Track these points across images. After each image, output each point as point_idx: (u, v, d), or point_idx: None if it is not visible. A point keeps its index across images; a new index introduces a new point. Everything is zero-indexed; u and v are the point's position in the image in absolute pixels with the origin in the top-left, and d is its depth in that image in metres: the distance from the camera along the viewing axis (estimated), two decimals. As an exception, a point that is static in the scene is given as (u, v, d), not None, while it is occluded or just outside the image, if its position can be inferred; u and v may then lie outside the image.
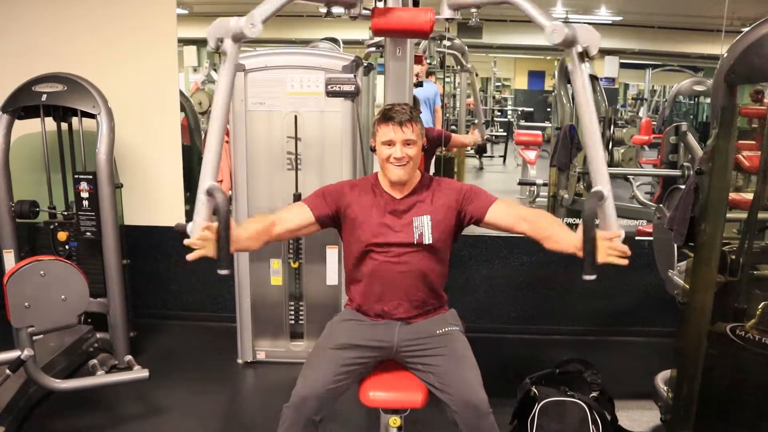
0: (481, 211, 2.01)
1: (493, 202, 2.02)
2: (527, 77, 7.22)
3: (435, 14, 2.15)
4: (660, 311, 3.56)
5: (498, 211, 2.00)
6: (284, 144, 3.07)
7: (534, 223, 1.96)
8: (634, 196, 4.70)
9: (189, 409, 2.88)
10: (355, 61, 2.95)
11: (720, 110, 2.03)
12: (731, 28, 3.62)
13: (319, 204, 2.03)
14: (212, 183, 1.70)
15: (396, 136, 1.96)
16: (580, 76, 1.63)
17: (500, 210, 2.01)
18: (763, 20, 1.89)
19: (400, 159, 1.96)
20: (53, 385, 2.60)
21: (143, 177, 3.62)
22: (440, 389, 1.92)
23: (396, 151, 1.96)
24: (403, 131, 1.95)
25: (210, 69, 5.27)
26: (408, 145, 1.97)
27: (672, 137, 4.46)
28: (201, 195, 1.71)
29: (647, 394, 2.77)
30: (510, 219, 1.99)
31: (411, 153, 1.98)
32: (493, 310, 3.75)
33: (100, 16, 3.50)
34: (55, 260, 2.50)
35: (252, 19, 1.66)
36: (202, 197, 1.71)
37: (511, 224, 1.99)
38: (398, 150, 1.96)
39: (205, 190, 1.70)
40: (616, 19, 5.44)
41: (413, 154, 1.99)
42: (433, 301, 2.10)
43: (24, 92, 2.99)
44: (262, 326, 3.29)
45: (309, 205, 2.04)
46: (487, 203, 2.02)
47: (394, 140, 1.96)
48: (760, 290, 2.25)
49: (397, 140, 1.96)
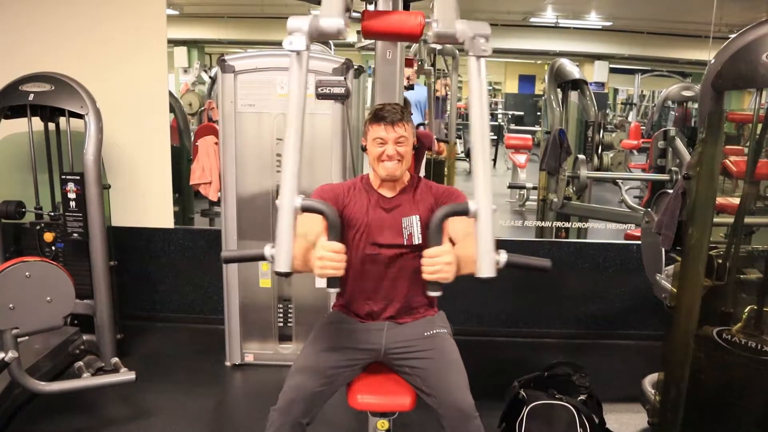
0: None
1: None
2: (518, 81, 7.27)
3: (425, 18, 2.15)
4: (648, 315, 3.58)
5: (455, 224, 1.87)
6: (274, 146, 3.06)
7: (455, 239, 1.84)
8: (622, 200, 4.73)
9: (176, 411, 2.86)
10: (345, 63, 2.95)
11: (707, 116, 2.04)
12: (719, 35, 3.66)
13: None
14: (302, 198, 1.50)
15: (388, 135, 1.95)
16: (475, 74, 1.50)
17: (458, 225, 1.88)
18: (750, 27, 1.90)
19: (392, 157, 1.97)
20: (38, 387, 2.57)
21: (132, 178, 3.59)
22: (427, 393, 1.92)
23: (388, 149, 1.96)
24: (395, 130, 1.96)
25: (200, 70, 5.26)
26: (399, 144, 1.97)
27: (660, 142, 4.49)
28: (290, 213, 1.48)
29: (635, 397, 2.79)
30: (458, 236, 1.88)
31: (403, 151, 1.98)
32: (482, 312, 3.76)
33: (89, 16, 3.48)
34: (41, 261, 2.47)
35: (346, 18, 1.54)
36: (290, 215, 1.48)
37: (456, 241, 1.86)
38: (390, 148, 1.96)
39: (298, 207, 1.49)
40: (606, 25, 5.49)
41: (405, 152, 1.99)
42: (421, 302, 2.10)
43: (11, 91, 2.97)
44: (250, 328, 3.28)
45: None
46: None
47: (386, 139, 1.96)
48: (746, 294, 2.27)
49: (389, 139, 1.96)
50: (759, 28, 1.87)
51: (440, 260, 1.55)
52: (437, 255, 1.55)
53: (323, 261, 1.59)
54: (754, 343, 2.11)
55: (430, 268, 1.56)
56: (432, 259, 1.56)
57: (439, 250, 1.56)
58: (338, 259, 1.59)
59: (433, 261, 1.56)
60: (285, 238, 1.48)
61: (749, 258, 2.39)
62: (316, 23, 1.53)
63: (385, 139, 1.96)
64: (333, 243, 1.59)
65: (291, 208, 1.49)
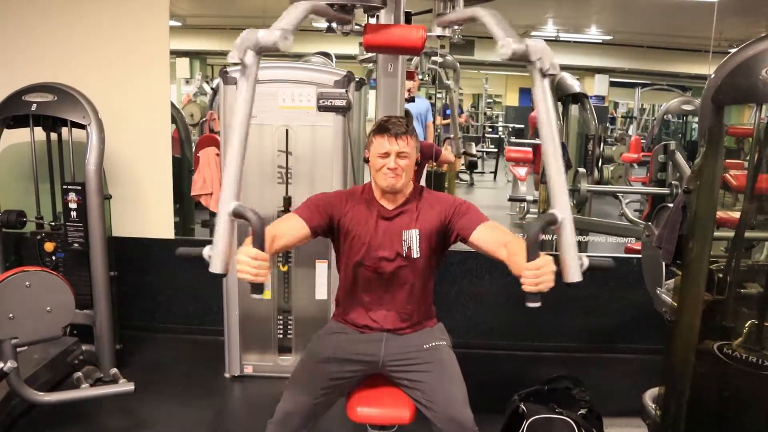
0: (468, 231, 1.96)
1: (481, 222, 1.96)
2: (518, 94, 7.30)
3: (426, 31, 2.16)
4: (648, 329, 3.57)
5: (483, 233, 1.94)
6: (275, 157, 3.07)
7: (509, 250, 1.85)
8: (623, 214, 4.73)
9: (175, 423, 2.84)
10: (347, 76, 2.96)
11: (707, 130, 2.05)
12: (719, 49, 3.68)
13: (312, 215, 1.98)
14: (237, 203, 1.57)
15: (391, 147, 1.95)
16: (541, 93, 1.54)
17: (485, 233, 1.94)
18: (750, 42, 1.91)
19: (394, 169, 1.96)
20: (36, 398, 2.56)
21: (133, 188, 3.60)
22: (426, 406, 1.92)
23: (390, 162, 1.96)
24: (398, 143, 1.95)
25: (202, 81, 5.28)
26: (402, 157, 1.97)
27: (661, 156, 4.50)
28: (225, 216, 1.57)
29: (635, 412, 2.77)
30: (492, 245, 1.91)
31: (404, 164, 1.98)
32: (481, 325, 3.74)
33: (92, 27, 3.50)
34: (41, 271, 2.47)
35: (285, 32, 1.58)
36: (225, 218, 1.57)
37: (493, 250, 1.90)
38: (392, 161, 1.95)
39: (230, 211, 1.56)
40: (606, 39, 5.52)
41: (406, 166, 1.98)
42: (421, 314, 2.10)
43: (13, 101, 2.98)
44: (250, 340, 3.27)
45: (303, 217, 1.97)
46: (475, 223, 1.96)
47: (389, 151, 1.96)
48: (746, 309, 2.26)
49: (392, 152, 1.95)
50: (759, 43, 1.88)
51: (545, 270, 1.56)
52: (542, 266, 1.56)
53: (240, 265, 1.60)
54: (755, 357, 2.10)
55: (538, 279, 1.57)
56: (537, 271, 1.56)
57: (542, 261, 1.57)
58: (255, 266, 1.59)
59: (539, 272, 1.56)
60: (221, 242, 1.58)
61: (749, 272, 2.39)
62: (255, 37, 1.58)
63: (388, 152, 1.96)
64: (251, 249, 1.60)
65: (226, 213, 1.56)
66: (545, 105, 1.54)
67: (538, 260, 1.56)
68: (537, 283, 1.56)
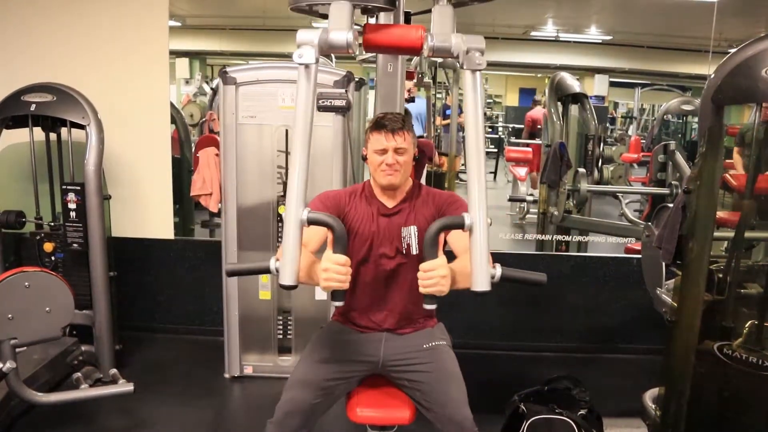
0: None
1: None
2: (518, 94, 7.30)
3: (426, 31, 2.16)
4: (648, 329, 3.56)
5: (458, 236, 1.87)
6: (274, 157, 3.07)
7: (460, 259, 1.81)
8: (623, 214, 4.73)
9: (174, 423, 2.84)
10: (346, 76, 2.96)
11: (707, 130, 2.04)
12: (718, 49, 3.68)
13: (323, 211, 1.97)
14: (308, 210, 1.51)
15: (388, 143, 1.94)
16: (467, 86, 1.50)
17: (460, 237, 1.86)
18: (749, 42, 1.91)
19: (392, 165, 1.95)
20: (36, 398, 2.56)
21: (132, 189, 3.60)
22: (426, 407, 1.91)
23: (387, 158, 1.95)
24: (395, 139, 1.94)
25: (202, 81, 5.28)
26: (400, 153, 1.96)
27: (660, 156, 4.50)
28: (295, 225, 1.49)
29: (635, 412, 2.76)
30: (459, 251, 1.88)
31: (402, 160, 1.97)
32: (481, 325, 3.74)
33: (92, 27, 3.50)
34: (41, 271, 2.47)
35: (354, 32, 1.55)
36: (295, 227, 1.49)
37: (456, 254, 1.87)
38: (390, 157, 1.94)
39: (303, 219, 1.50)
40: (606, 39, 5.51)
41: (404, 162, 1.98)
42: (421, 314, 2.09)
43: (13, 101, 2.98)
44: (249, 340, 3.27)
45: None
46: None
47: (387, 148, 1.95)
48: (746, 309, 2.26)
49: (389, 148, 1.95)
50: (758, 43, 1.88)
51: (435, 273, 1.55)
52: (432, 269, 1.55)
53: (328, 273, 1.57)
54: (755, 358, 2.10)
55: (426, 281, 1.56)
56: (427, 273, 1.55)
57: (433, 263, 1.55)
58: (343, 272, 1.57)
59: (429, 274, 1.55)
60: (291, 251, 1.48)
61: (749, 272, 2.39)
62: (326, 36, 1.54)
63: (386, 148, 1.95)
64: (339, 255, 1.58)
65: (297, 221, 1.49)
66: (472, 99, 1.50)
67: (431, 262, 1.55)
68: (427, 285, 1.55)
